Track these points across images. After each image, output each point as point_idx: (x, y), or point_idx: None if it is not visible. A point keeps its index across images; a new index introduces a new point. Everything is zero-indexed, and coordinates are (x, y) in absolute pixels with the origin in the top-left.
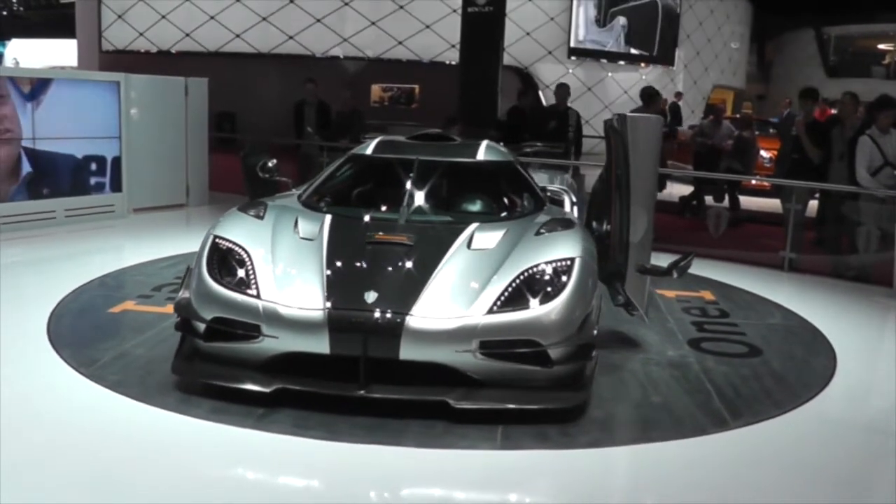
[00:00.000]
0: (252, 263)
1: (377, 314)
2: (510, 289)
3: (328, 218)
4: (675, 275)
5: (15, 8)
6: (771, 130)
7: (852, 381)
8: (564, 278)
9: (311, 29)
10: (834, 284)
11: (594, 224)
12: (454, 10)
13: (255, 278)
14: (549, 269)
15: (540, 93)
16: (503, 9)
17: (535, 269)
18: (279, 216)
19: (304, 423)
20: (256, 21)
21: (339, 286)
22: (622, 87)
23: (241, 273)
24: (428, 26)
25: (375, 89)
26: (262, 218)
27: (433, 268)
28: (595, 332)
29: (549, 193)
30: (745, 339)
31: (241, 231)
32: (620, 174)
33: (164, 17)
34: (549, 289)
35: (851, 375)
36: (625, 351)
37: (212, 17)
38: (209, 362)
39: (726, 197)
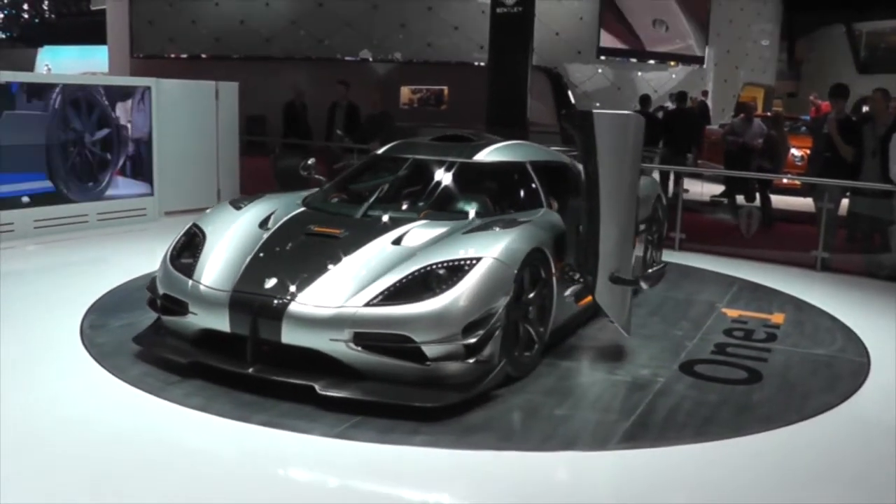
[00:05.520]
0: (204, 247)
1: (266, 298)
2: (399, 283)
3: (297, 211)
4: (643, 285)
5: (46, 15)
6: (802, 129)
7: (886, 384)
8: (459, 278)
9: (340, 32)
10: (868, 284)
11: (580, 228)
12: (483, 11)
13: (198, 261)
14: (448, 268)
15: (569, 92)
16: (532, 9)
17: (434, 266)
18: (257, 208)
19: (193, 393)
20: (286, 25)
21: (252, 271)
22: (652, 86)
23: (194, 256)
24: (457, 28)
25: (405, 91)
26: (239, 209)
27: (339, 259)
28: (477, 338)
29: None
30: (759, 365)
31: (214, 219)
32: (587, 176)
33: (193, 22)
34: (439, 287)
35: (885, 377)
36: (598, 363)
37: (241, 22)
38: (165, 334)
39: (758, 196)
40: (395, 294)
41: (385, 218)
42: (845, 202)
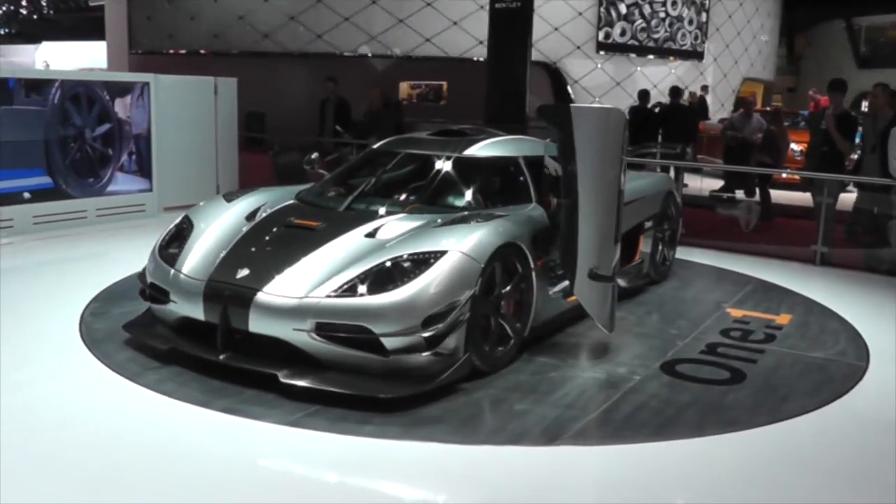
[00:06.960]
0: (189, 238)
1: (236, 287)
2: (363, 275)
3: (284, 204)
4: (622, 282)
5: (45, 11)
6: (802, 124)
7: (878, 389)
8: (422, 271)
9: (339, 28)
10: (868, 279)
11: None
12: (482, 7)
13: (182, 251)
14: (413, 260)
15: (569, 88)
16: (531, 4)
17: (400, 259)
18: (247, 200)
19: (168, 379)
20: (285, 21)
21: (228, 261)
22: (651, 81)
23: (180, 246)
24: (455, 23)
25: (404, 87)
26: (231, 201)
27: (311, 250)
28: (436, 331)
29: None
30: (746, 366)
31: (205, 212)
32: (565, 172)
33: (192, 18)
34: (402, 279)
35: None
36: (577, 359)
37: (240, 18)
38: (154, 322)
39: (757, 191)
40: (358, 285)
41: (367, 211)
42: (843, 196)
